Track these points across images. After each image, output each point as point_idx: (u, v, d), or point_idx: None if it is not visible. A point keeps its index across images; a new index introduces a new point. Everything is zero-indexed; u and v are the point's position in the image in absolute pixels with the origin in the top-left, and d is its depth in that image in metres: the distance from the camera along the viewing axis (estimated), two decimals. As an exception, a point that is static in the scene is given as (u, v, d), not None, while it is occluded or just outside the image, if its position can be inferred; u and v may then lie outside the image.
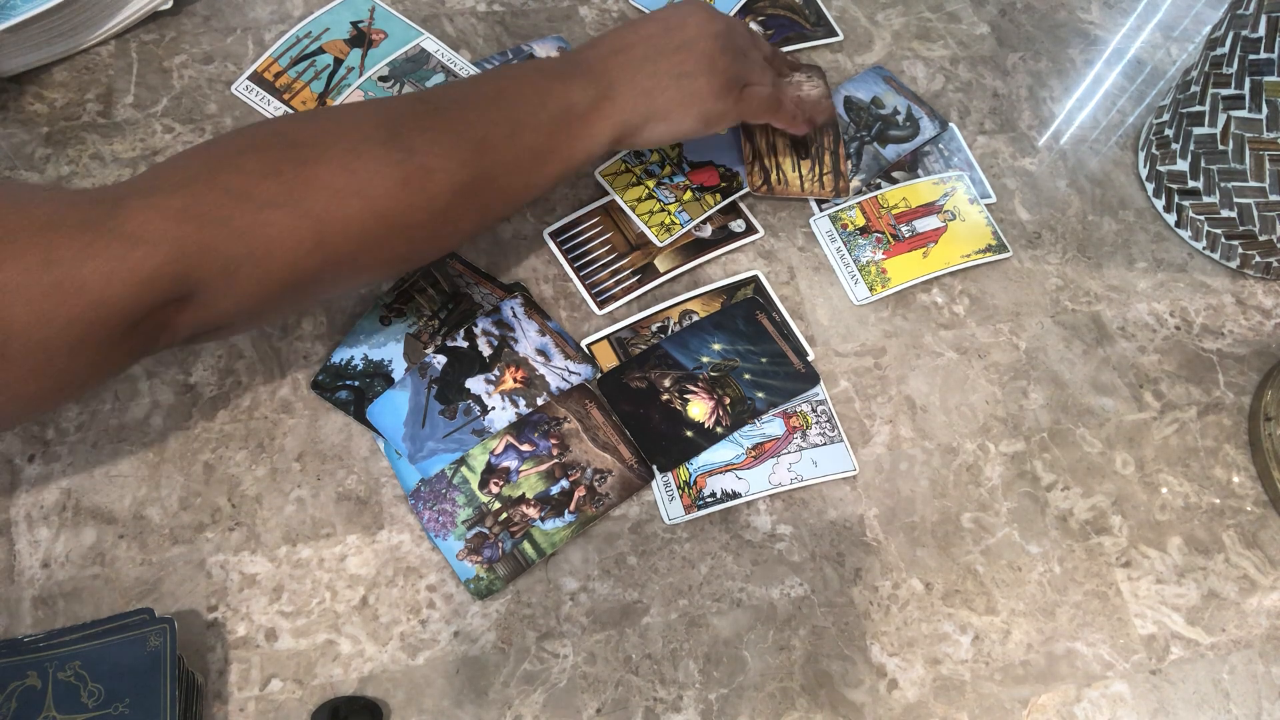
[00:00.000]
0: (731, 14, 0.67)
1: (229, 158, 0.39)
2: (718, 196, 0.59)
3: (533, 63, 0.49)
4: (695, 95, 0.49)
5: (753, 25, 0.68)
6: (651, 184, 0.59)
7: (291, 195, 0.39)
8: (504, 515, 0.49)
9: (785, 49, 0.67)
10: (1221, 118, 0.57)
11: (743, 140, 0.60)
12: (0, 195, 0.37)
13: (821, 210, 0.61)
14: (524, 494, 0.50)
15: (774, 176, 0.60)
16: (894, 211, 0.61)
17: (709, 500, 0.51)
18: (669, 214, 0.58)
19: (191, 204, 0.37)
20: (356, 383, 0.52)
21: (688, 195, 0.58)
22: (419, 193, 0.42)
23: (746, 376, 0.54)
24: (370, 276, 0.45)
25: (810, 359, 0.56)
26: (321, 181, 0.40)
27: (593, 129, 0.47)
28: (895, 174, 0.63)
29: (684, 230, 0.57)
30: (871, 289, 0.58)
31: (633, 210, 0.58)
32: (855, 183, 0.61)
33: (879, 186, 0.62)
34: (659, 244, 0.57)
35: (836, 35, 0.69)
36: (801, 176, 0.61)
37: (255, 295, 0.40)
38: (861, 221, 0.60)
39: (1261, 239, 0.59)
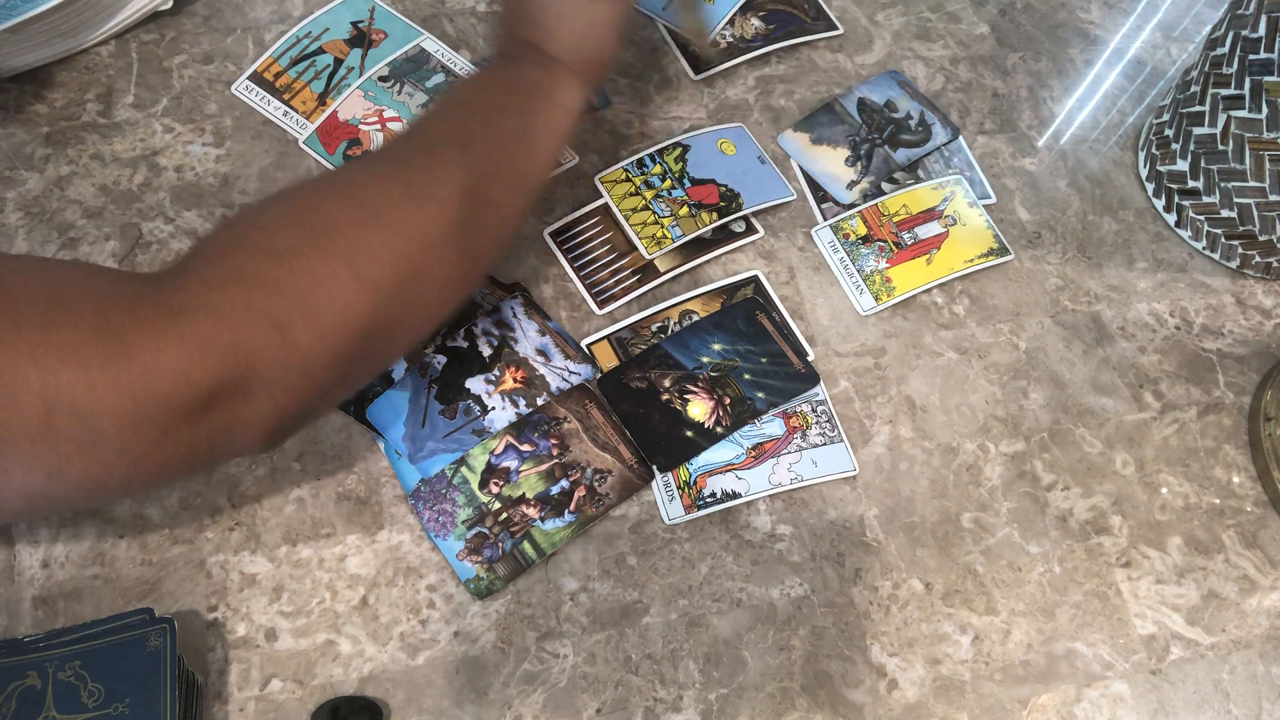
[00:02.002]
0: (731, 12, 0.67)
1: (250, 220, 0.40)
2: (714, 215, 0.58)
3: (483, 64, 0.50)
4: (603, 18, 0.50)
5: (754, 21, 0.68)
6: (650, 195, 0.59)
7: (315, 239, 0.38)
8: (504, 515, 0.49)
9: (786, 43, 0.67)
10: (1221, 118, 0.57)
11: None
12: (60, 269, 0.36)
13: (823, 220, 0.61)
14: (524, 494, 0.50)
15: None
16: (895, 219, 0.61)
17: (709, 500, 0.51)
18: (662, 227, 0.57)
19: (226, 269, 0.37)
20: (356, 383, 0.52)
21: (684, 210, 0.58)
22: (429, 203, 0.41)
23: (746, 376, 0.54)
24: (427, 315, 0.44)
25: (810, 359, 0.56)
26: (338, 219, 0.39)
27: (562, 93, 0.47)
28: (895, 175, 0.63)
29: (675, 244, 0.57)
30: (877, 298, 0.58)
31: (626, 220, 0.58)
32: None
33: (881, 192, 0.62)
34: (647, 255, 0.57)
35: (836, 29, 0.69)
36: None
37: (317, 358, 0.38)
38: (863, 230, 0.60)
39: (1261, 239, 0.59)
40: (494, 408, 0.51)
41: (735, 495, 0.51)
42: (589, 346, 0.55)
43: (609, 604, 0.49)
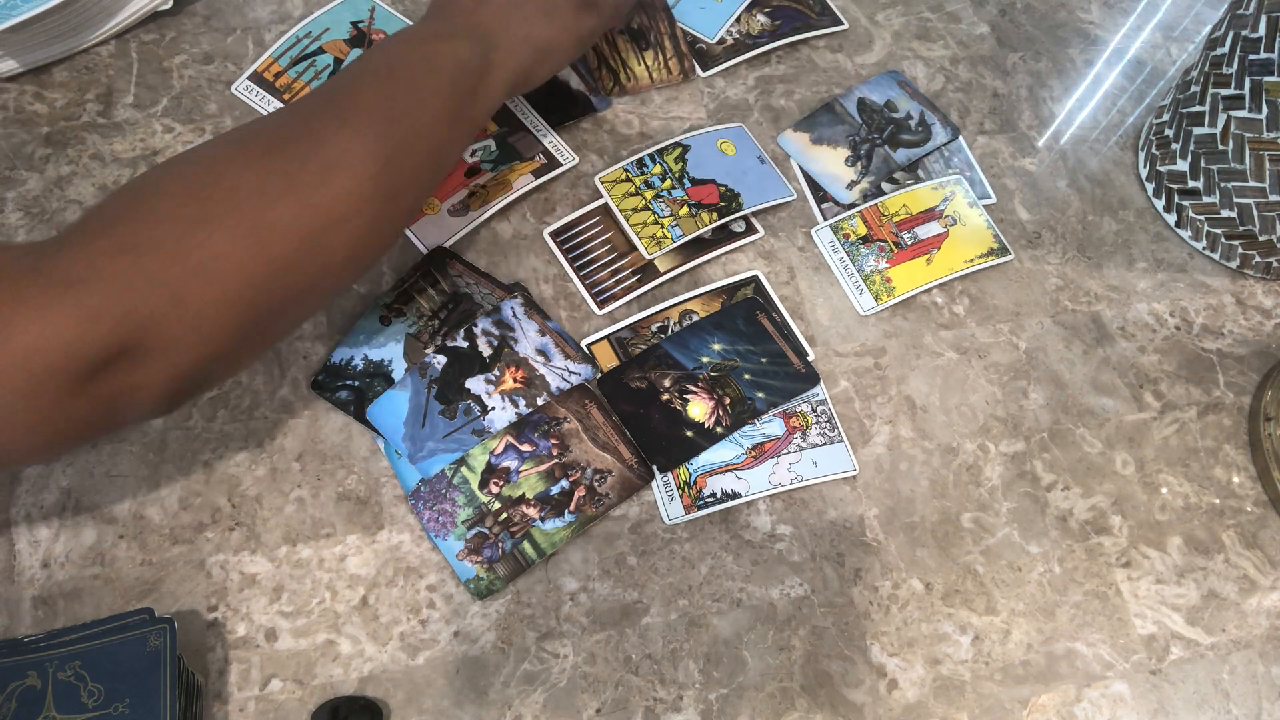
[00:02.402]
0: (739, 10, 0.67)
1: (150, 186, 0.39)
2: (714, 215, 0.58)
3: (411, 30, 0.48)
4: (566, 24, 0.51)
5: (760, 17, 0.68)
6: (650, 195, 0.59)
7: (218, 209, 0.38)
8: (504, 515, 0.49)
9: (792, 38, 0.67)
10: (1221, 118, 0.57)
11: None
12: None
13: (823, 220, 0.61)
14: (524, 494, 0.50)
15: (623, 76, 0.62)
16: (895, 219, 0.61)
17: (709, 500, 0.51)
18: (662, 227, 0.57)
19: (121, 238, 0.36)
20: (356, 383, 0.52)
21: (684, 210, 0.58)
22: (343, 177, 0.41)
23: (746, 376, 0.54)
24: (329, 285, 0.44)
25: (810, 359, 0.56)
26: (244, 189, 0.39)
27: (489, 84, 0.48)
28: (895, 175, 0.63)
29: (675, 244, 0.57)
30: (877, 299, 0.58)
31: (626, 220, 0.58)
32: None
33: (881, 192, 0.62)
34: (647, 255, 0.57)
35: (841, 24, 0.69)
36: (648, 68, 0.63)
37: (215, 325, 0.38)
38: (863, 230, 0.60)
39: (1261, 239, 0.59)
40: (494, 408, 0.51)
41: (735, 495, 0.51)
42: (589, 346, 0.55)
43: (609, 604, 0.49)
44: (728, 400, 0.54)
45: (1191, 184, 0.61)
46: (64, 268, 0.35)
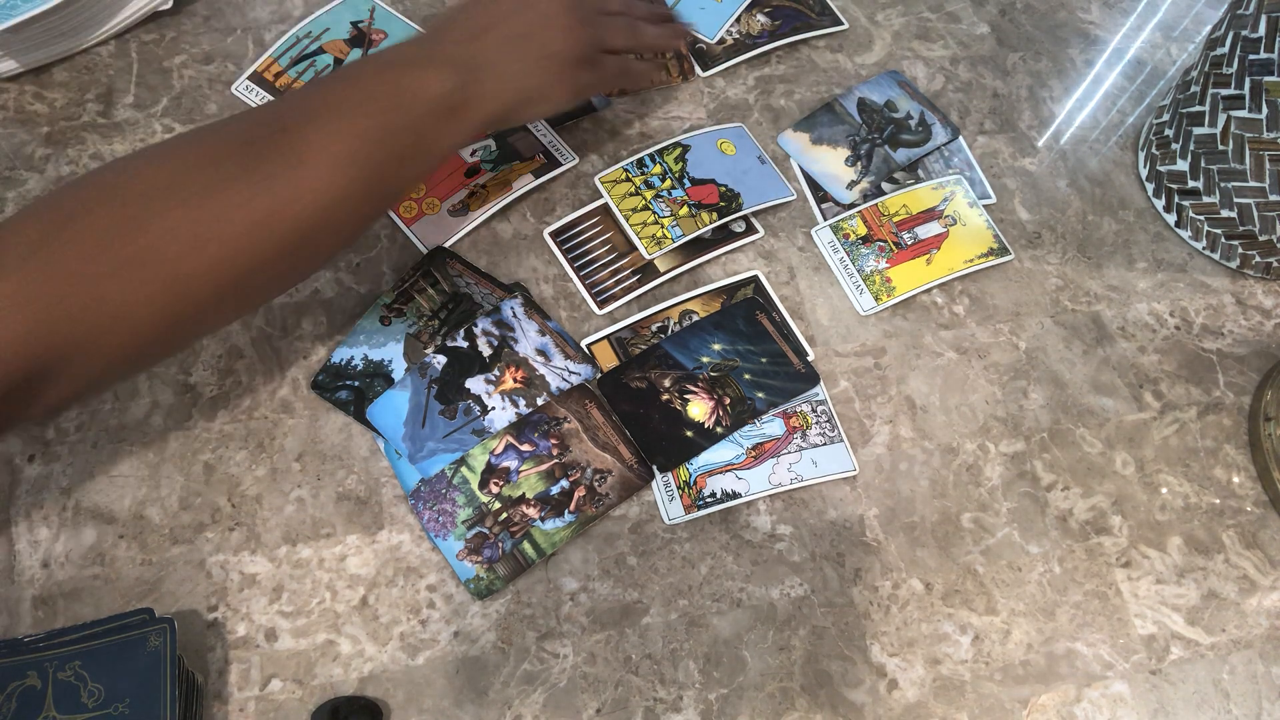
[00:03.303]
0: (739, 10, 0.67)
1: (67, 222, 0.37)
2: (714, 215, 0.58)
3: (383, 55, 0.46)
4: (563, 72, 0.49)
5: (759, 17, 0.68)
6: (650, 195, 0.59)
7: (135, 257, 0.37)
8: (504, 515, 0.49)
9: (791, 39, 0.67)
10: (1221, 118, 0.57)
11: None
12: None
13: (823, 220, 0.61)
14: (524, 494, 0.50)
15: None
16: (895, 219, 0.61)
17: (709, 500, 0.51)
18: (662, 227, 0.57)
19: (27, 286, 0.35)
20: (356, 383, 0.52)
21: (684, 210, 0.58)
22: (280, 226, 0.39)
23: (746, 376, 0.54)
24: (237, 316, 0.44)
25: (810, 359, 0.56)
26: (170, 235, 0.37)
27: (462, 120, 0.45)
28: (895, 175, 0.63)
29: (675, 244, 0.57)
30: (877, 298, 0.58)
31: (626, 220, 0.58)
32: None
33: (881, 192, 0.62)
34: (647, 255, 0.57)
35: (841, 24, 0.69)
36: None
37: (120, 357, 0.38)
38: (863, 230, 0.60)
39: (1261, 239, 0.59)
40: (494, 408, 0.51)
41: (735, 495, 0.51)
42: (589, 346, 0.55)
43: (609, 604, 0.49)
44: (728, 400, 0.54)
45: (1191, 184, 0.61)
46: None
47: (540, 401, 0.52)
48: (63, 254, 0.36)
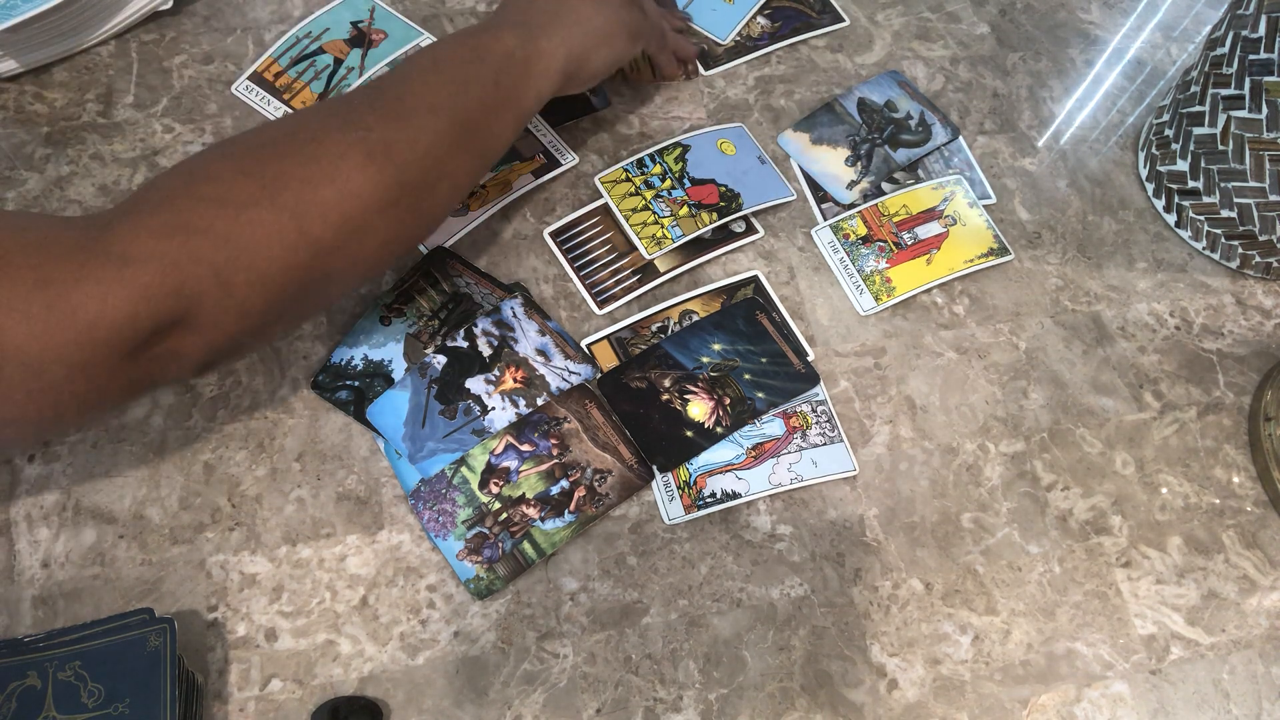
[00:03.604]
0: (751, 14, 0.68)
1: (202, 169, 0.40)
2: (714, 215, 0.58)
3: (460, 30, 0.51)
4: (619, 16, 0.53)
5: (760, 20, 0.68)
6: (650, 195, 0.59)
7: (266, 193, 0.39)
8: (504, 515, 0.49)
9: (794, 39, 0.67)
10: (1221, 118, 0.57)
11: None
12: None
13: (823, 220, 0.61)
14: (524, 494, 0.50)
15: (628, 66, 0.62)
16: (895, 219, 0.61)
17: (709, 500, 0.51)
18: (662, 227, 0.57)
19: (173, 218, 0.38)
20: (356, 383, 0.52)
21: (684, 210, 0.58)
22: (386, 166, 0.42)
23: (746, 376, 0.54)
24: (365, 269, 0.45)
25: (810, 359, 0.56)
26: (291, 174, 0.40)
27: (537, 71, 0.49)
28: (895, 175, 0.63)
29: (675, 244, 0.57)
30: (877, 299, 0.58)
31: (626, 220, 0.58)
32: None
33: (881, 193, 0.62)
34: (647, 255, 0.57)
35: (843, 21, 0.69)
36: (651, 63, 0.63)
37: (254, 303, 0.40)
38: (863, 231, 0.60)
39: (1261, 239, 0.59)
40: (494, 408, 0.51)
41: (735, 495, 0.51)
42: (589, 346, 0.55)
43: (609, 604, 0.49)
44: (728, 400, 0.54)
45: (1191, 184, 0.61)
46: (120, 246, 0.36)
47: (540, 401, 0.52)
48: (206, 188, 0.39)
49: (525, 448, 0.51)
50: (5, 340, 0.33)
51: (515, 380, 0.52)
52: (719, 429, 0.53)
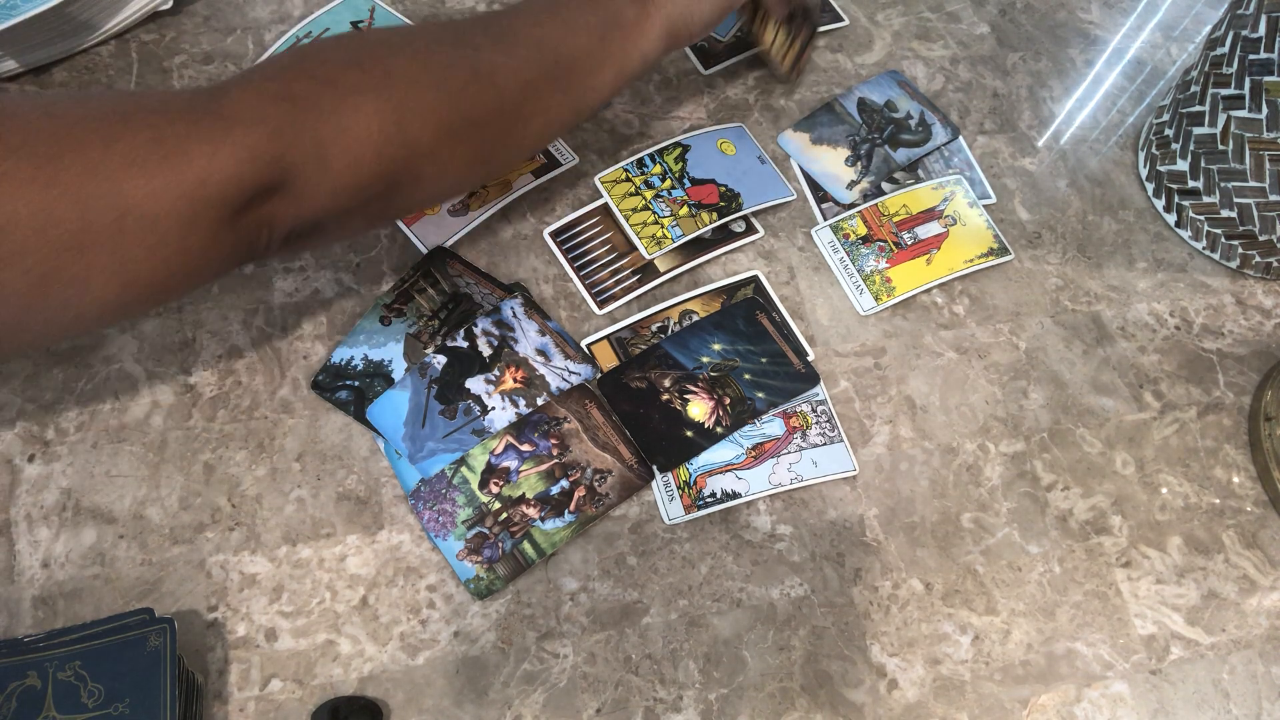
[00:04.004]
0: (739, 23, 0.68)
1: (316, 53, 0.42)
2: (714, 215, 0.58)
3: None
4: None
5: None
6: (650, 195, 0.59)
7: (373, 82, 0.41)
8: (504, 515, 0.49)
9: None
10: (1221, 118, 0.57)
11: None
12: (112, 92, 0.38)
13: (823, 220, 0.61)
14: (524, 494, 0.50)
15: (757, 24, 0.63)
16: (895, 219, 0.61)
17: (709, 500, 0.51)
18: (662, 227, 0.57)
19: (284, 88, 0.39)
20: (356, 383, 0.52)
21: (684, 210, 0.58)
22: (489, 86, 0.44)
23: (746, 376, 0.54)
24: (450, 181, 0.47)
25: (810, 359, 0.56)
26: (400, 72, 0.42)
27: (643, 31, 0.50)
28: (895, 175, 0.63)
29: (675, 244, 0.57)
30: (877, 298, 0.58)
31: (626, 220, 0.58)
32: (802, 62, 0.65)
33: (881, 193, 0.62)
34: (647, 255, 0.57)
35: (843, 21, 0.69)
36: (774, 39, 0.63)
37: (346, 183, 0.41)
38: (863, 230, 0.60)
39: (1261, 239, 0.59)
40: (494, 408, 0.51)
41: (735, 495, 0.51)
42: (589, 346, 0.55)
43: (609, 604, 0.49)
44: (728, 400, 0.54)
45: (1191, 184, 0.61)
46: (231, 108, 0.38)
47: (540, 401, 0.52)
48: (318, 68, 0.41)
49: (525, 448, 0.51)
50: (127, 193, 0.34)
51: (515, 380, 0.52)
52: (719, 429, 0.53)
